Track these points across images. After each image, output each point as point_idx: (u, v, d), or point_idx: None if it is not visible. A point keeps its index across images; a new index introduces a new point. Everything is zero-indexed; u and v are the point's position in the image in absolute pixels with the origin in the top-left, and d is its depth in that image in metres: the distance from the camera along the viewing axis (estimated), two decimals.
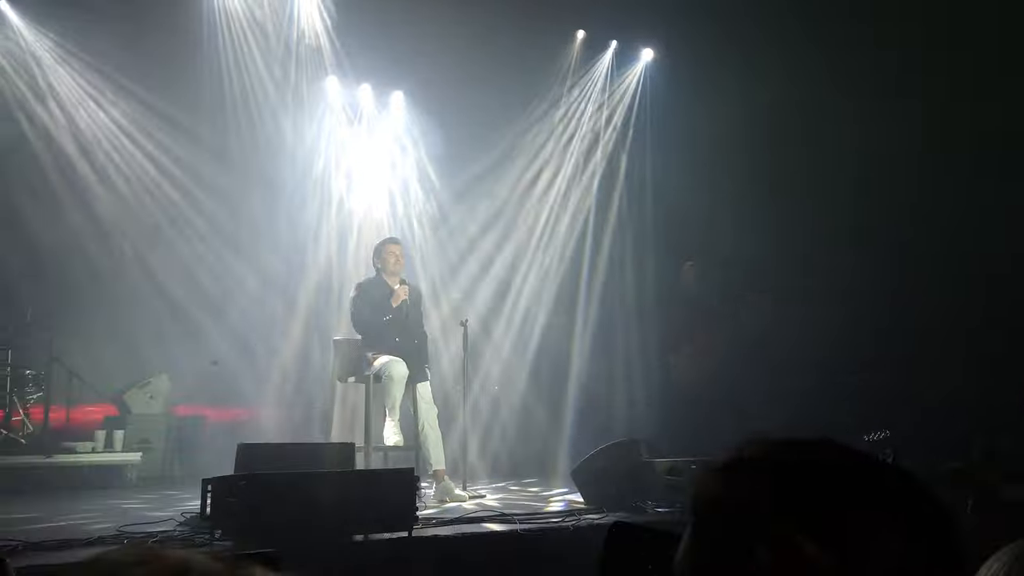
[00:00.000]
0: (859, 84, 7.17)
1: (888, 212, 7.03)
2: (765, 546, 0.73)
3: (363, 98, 9.07)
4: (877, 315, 6.89)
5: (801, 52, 7.38)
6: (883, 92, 7.04)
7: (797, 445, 0.83)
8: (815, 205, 7.35)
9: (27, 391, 7.03)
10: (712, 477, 0.83)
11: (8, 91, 7.60)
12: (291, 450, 4.73)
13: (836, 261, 7.14)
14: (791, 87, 7.39)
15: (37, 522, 4.37)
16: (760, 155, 7.68)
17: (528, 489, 6.57)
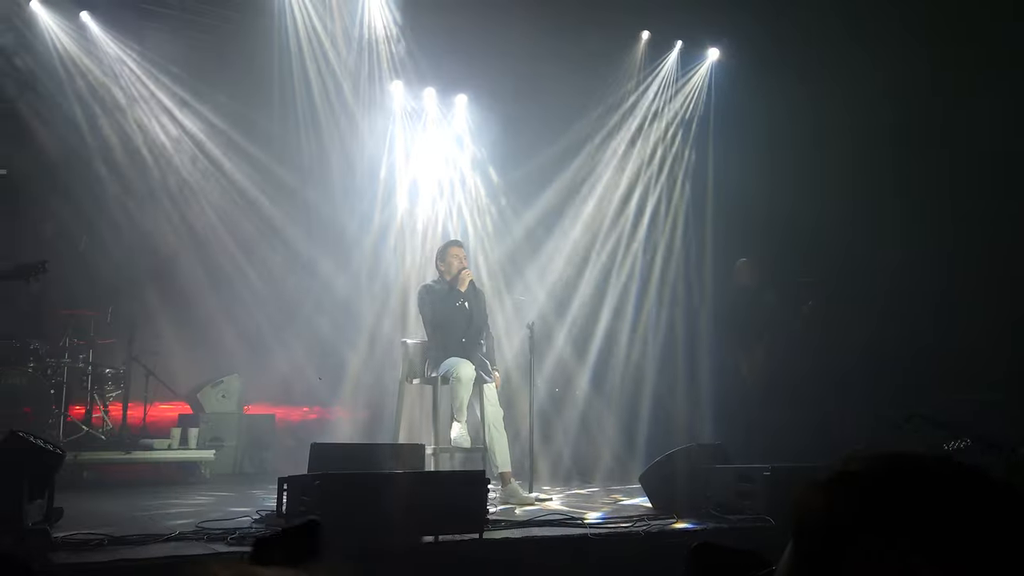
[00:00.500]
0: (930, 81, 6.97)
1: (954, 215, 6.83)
2: (877, 565, 0.71)
3: (428, 102, 9.15)
4: (940, 317, 6.71)
5: (872, 48, 7.20)
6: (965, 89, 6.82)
7: (905, 460, 0.80)
8: (879, 205, 7.18)
9: (107, 389, 7.26)
10: (817, 493, 0.80)
11: (92, 100, 7.87)
12: (363, 450, 4.79)
13: (895, 261, 6.97)
14: (861, 84, 7.23)
15: (119, 517, 4.50)
16: (828, 154, 7.52)
17: (594, 493, 6.53)
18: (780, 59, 7.66)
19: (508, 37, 7.83)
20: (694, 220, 8.99)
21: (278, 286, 8.61)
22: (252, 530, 3.93)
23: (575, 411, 8.18)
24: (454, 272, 6.13)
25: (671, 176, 9.24)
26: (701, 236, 8.84)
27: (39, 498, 3.44)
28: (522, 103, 8.58)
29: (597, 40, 8.37)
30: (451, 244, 6.39)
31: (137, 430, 7.30)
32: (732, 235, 8.29)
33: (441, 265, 6.24)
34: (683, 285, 8.72)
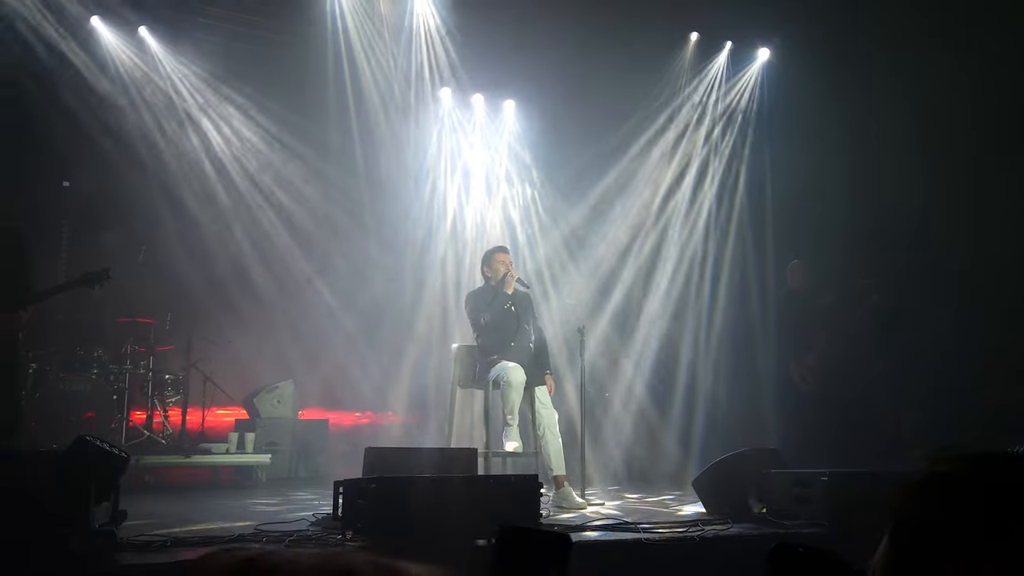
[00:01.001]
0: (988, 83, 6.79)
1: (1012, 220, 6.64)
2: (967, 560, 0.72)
3: (476, 107, 9.21)
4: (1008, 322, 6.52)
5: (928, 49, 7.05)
6: None
7: (993, 460, 0.80)
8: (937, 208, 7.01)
9: (167, 395, 7.44)
10: (911, 495, 0.80)
11: (153, 113, 8.09)
12: (416, 455, 4.83)
13: (956, 260, 6.80)
14: (917, 86, 7.08)
15: (180, 519, 4.60)
16: (883, 157, 7.37)
17: (647, 497, 6.48)
18: (833, 57, 7.54)
19: (556, 42, 7.84)
20: (749, 220, 8.88)
21: (330, 293, 8.74)
22: (309, 532, 3.99)
23: (627, 415, 8.13)
24: (500, 277, 6.14)
25: (724, 177, 9.14)
26: (758, 236, 8.72)
27: (105, 500, 3.54)
28: (570, 107, 8.59)
29: (645, 42, 8.34)
30: (497, 250, 6.37)
31: (196, 434, 7.47)
32: (788, 235, 8.17)
33: (487, 271, 6.24)
34: (738, 286, 8.61)
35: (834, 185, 7.58)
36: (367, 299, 8.80)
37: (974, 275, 6.78)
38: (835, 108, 7.53)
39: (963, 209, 6.97)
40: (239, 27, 7.85)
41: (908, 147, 7.23)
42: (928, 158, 7.17)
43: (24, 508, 3.25)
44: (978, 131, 6.96)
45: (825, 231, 7.64)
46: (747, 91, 9.16)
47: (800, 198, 8.00)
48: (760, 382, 7.74)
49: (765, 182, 8.80)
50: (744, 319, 8.34)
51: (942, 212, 7.01)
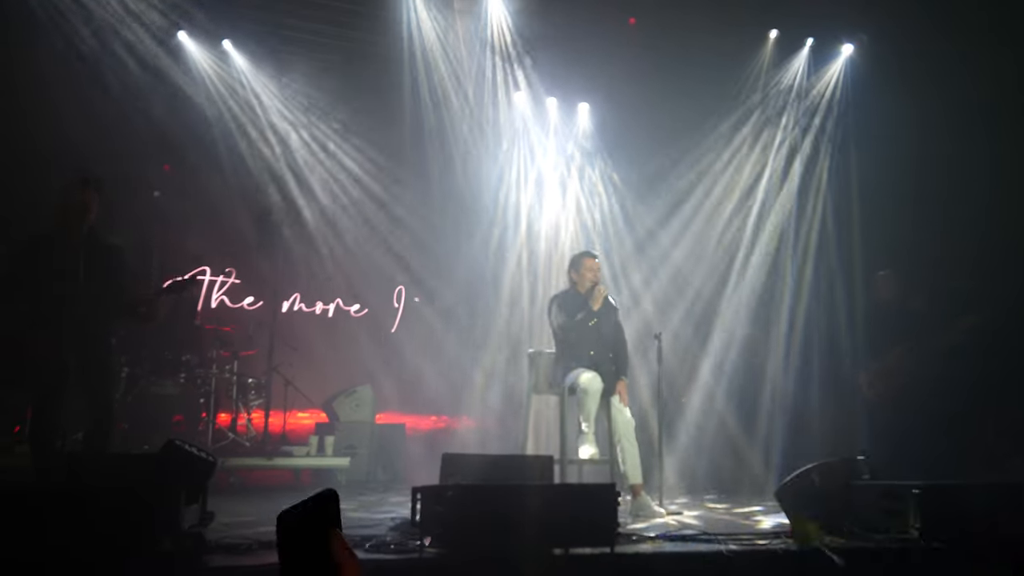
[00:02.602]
0: None
1: None
2: None
3: (551, 111, 9.20)
4: None
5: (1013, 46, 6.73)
6: None
7: None
8: None
9: (250, 398, 7.64)
10: None
11: (238, 125, 8.34)
12: (493, 461, 4.82)
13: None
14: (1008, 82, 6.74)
15: (265, 522, 4.70)
16: (972, 156, 7.04)
17: (728, 508, 6.34)
18: (922, 53, 7.25)
19: (630, 43, 7.77)
20: (834, 223, 8.61)
21: (407, 297, 8.86)
22: (387, 538, 4.03)
23: (707, 422, 7.98)
24: (587, 285, 6.04)
25: (806, 178, 8.89)
26: (843, 240, 8.44)
27: (194, 502, 3.64)
28: (645, 109, 8.51)
29: (722, 42, 8.19)
30: (586, 255, 6.26)
31: (277, 437, 7.65)
32: (875, 239, 7.89)
33: (574, 275, 6.16)
34: (824, 291, 8.35)
35: (922, 187, 7.30)
36: (444, 304, 8.89)
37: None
38: (921, 106, 7.24)
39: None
40: (317, 37, 8.03)
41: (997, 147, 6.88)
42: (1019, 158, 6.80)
43: (119, 508, 3.37)
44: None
45: (914, 235, 7.34)
46: (829, 88, 8.90)
47: (887, 200, 7.72)
48: (847, 390, 7.48)
49: (850, 183, 8.51)
50: (830, 325, 8.08)
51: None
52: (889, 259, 7.42)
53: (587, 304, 5.95)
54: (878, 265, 7.42)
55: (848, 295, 8.06)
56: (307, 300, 8.82)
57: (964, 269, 7.12)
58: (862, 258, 8.03)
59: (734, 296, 8.70)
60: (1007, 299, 6.72)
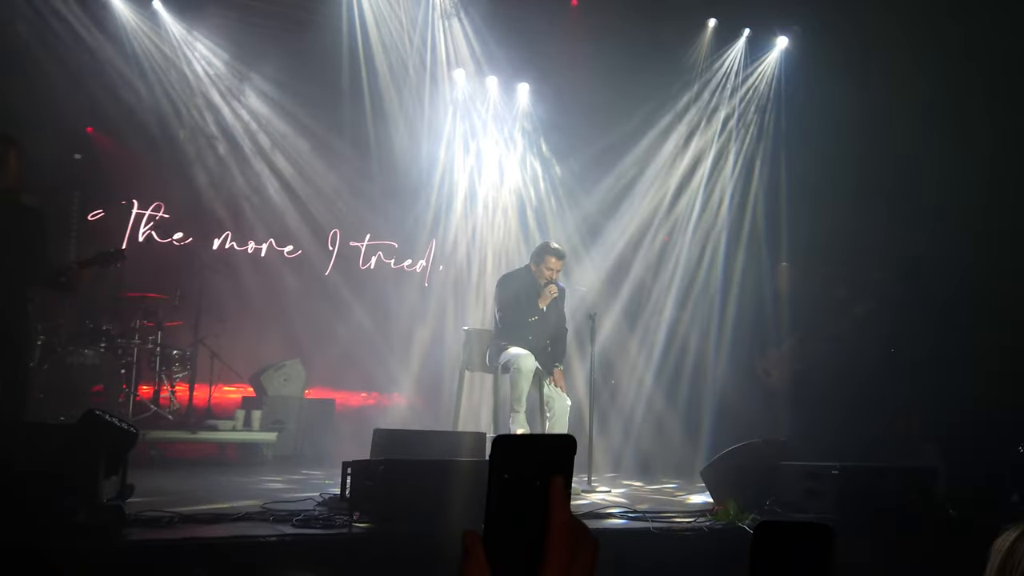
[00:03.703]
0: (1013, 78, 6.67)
1: None
2: None
3: (491, 90, 9.14)
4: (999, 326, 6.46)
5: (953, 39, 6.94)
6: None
7: None
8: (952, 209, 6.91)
9: (174, 370, 7.42)
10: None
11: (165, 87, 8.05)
12: (424, 437, 4.81)
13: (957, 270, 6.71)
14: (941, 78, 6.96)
15: (186, 495, 4.60)
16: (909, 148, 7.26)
17: (653, 486, 6.47)
18: (857, 46, 7.42)
19: (572, 26, 7.77)
20: (764, 212, 8.79)
21: (338, 272, 8.73)
22: (316, 513, 3.98)
23: (639, 406, 8.10)
24: (542, 279, 6.03)
25: (740, 167, 9.06)
26: (772, 228, 8.63)
27: (113, 475, 3.53)
28: (585, 92, 8.52)
29: (662, 28, 8.25)
30: (551, 252, 6.11)
31: (202, 411, 7.47)
32: (803, 227, 8.08)
33: (533, 266, 6.14)
34: (754, 281, 8.53)
35: (850, 178, 7.50)
36: (376, 280, 8.79)
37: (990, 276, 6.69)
38: (854, 98, 7.42)
39: (979, 208, 6.84)
40: (253, 2, 7.80)
41: (928, 139, 7.10)
42: (947, 152, 7.03)
43: (33, 480, 3.25)
44: (996, 128, 6.83)
45: (840, 225, 7.55)
46: (764, 80, 9.06)
47: (816, 190, 7.92)
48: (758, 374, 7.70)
49: (780, 173, 8.70)
50: (756, 311, 8.27)
51: (959, 211, 6.90)
52: (816, 248, 7.63)
53: (535, 297, 5.95)
54: (807, 254, 7.63)
55: (774, 283, 8.25)
56: (238, 238, 8.56)
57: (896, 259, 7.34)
58: (789, 247, 8.24)
59: (667, 281, 8.82)
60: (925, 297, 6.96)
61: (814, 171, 7.94)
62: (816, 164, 7.92)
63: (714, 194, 9.10)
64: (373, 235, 9.02)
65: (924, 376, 6.79)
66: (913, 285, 7.05)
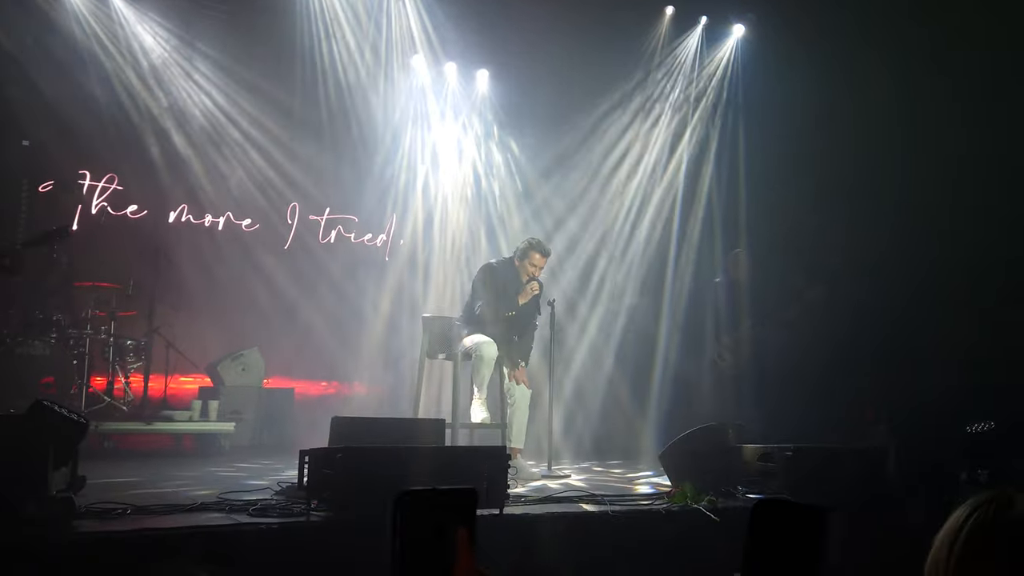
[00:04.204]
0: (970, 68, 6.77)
1: (981, 218, 6.65)
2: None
3: (449, 76, 9.08)
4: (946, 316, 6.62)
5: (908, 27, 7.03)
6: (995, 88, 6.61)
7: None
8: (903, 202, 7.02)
9: (128, 361, 7.30)
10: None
11: (115, 70, 7.87)
12: (384, 425, 4.78)
13: (914, 262, 6.83)
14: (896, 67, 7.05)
15: (141, 487, 4.53)
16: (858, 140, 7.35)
17: (613, 471, 6.52)
18: (813, 36, 7.49)
19: (531, 12, 7.75)
20: (719, 198, 8.87)
21: (297, 260, 8.64)
22: (273, 502, 3.94)
23: (597, 391, 8.15)
24: (525, 276, 6.00)
25: (696, 154, 9.12)
26: (728, 214, 8.71)
27: (63, 466, 3.46)
28: (544, 78, 8.52)
29: (620, 15, 8.26)
30: (537, 248, 6.07)
31: (158, 402, 7.36)
32: (759, 213, 8.17)
33: (517, 261, 6.10)
34: (708, 266, 8.61)
35: (806, 166, 7.58)
36: (335, 268, 8.71)
37: (951, 267, 6.78)
38: (810, 87, 7.50)
39: (942, 200, 6.89)
40: None
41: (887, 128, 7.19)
42: (909, 141, 7.09)
43: None
44: (966, 122, 6.90)
45: (797, 212, 7.63)
46: (721, 68, 9.12)
47: (772, 177, 8.00)
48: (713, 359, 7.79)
49: (737, 160, 8.78)
50: (713, 297, 8.35)
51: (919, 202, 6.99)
52: (774, 235, 7.71)
53: (515, 292, 5.94)
54: (763, 240, 7.72)
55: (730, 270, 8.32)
56: (195, 212, 8.41)
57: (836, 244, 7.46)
58: (746, 232, 8.33)
59: (624, 266, 8.87)
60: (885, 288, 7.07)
61: (771, 159, 8.02)
62: (772, 151, 7.99)
63: (671, 181, 9.15)
64: (333, 209, 8.95)
65: (877, 361, 6.93)
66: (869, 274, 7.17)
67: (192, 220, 8.42)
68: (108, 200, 8.03)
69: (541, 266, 6.05)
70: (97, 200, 7.98)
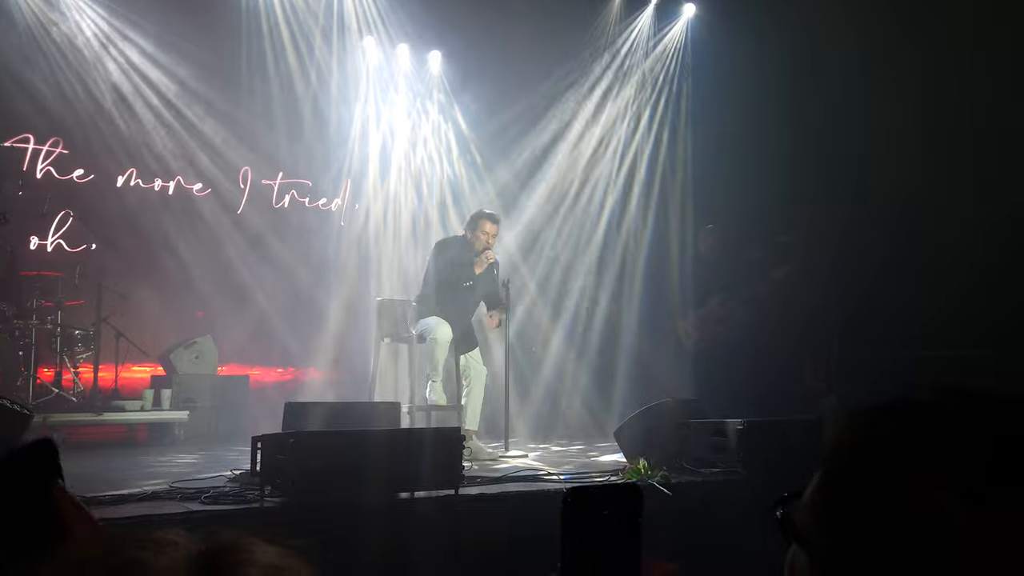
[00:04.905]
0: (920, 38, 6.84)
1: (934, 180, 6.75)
2: (898, 493, 0.66)
3: (401, 58, 9.00)
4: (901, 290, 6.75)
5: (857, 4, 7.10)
6: None
7: (961, 395, 0.73)
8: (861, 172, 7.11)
9: (76, 351, 7.16)
10: (852, 420, 0.74)
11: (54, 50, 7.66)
12: (338, 409, 4.77)
13: (873, 232, 6.94)
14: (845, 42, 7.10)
15: (92, 478, 4.46)
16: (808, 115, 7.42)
17: (570, 448, 6.58)
18: (763, 14, 7.54)
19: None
20: (672, 178, 8.93)
21: (250, 245, 8.52)
22: (226, 489, 3.91)
23: (553, 370, 8.20)
24: (478, 247, 5.95)
25: (648, 133, 9.17)
26: (681, 194, 8.79)
27: None
28: (497, 59, 8.48)
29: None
30: (487, 217, 6.04)
31: (109, 392, 7.23)
32: (710, 194, 8.25)
33: (469, 233, 6.06)
34: (663, 244, 8.68)
35: (759, 145, 7.65)
36: (288, 252, 8.62)
37: (912, 241, 6.88)
38: (760, 64, 7.56)
39: (898, 175, 6.95)
40: None
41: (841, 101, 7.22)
42: (865, 112, 7.11)
43: None
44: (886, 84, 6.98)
45: (748, 191, 7.72)
46: (672, 46, 9.16)
47: (724, 156, 8.08)
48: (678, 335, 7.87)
49: (688, 140, 8.85)
50: (664, 275, 8.44)
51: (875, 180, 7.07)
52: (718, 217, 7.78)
53: (470, 264, 5.89)
54: (710, 218, 7.80)
55: (681, 247, 8.43)
56: (144, 176, 8.22)
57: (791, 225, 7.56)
58: (694, 212, 8.42)
59: (580, 246, 8.91)
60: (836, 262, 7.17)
61: (721, 137, 8.09)
62: (723, 130, 8.06)
63: (622, 162, 9.19)
64: (286, 174, 8.83)
65: (826, 333, 7.06)
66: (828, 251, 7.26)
67: (141, 184, 8.21)
68: (53, 164, 7.81)
69: (493, 234, 6.03)
70: (42, 164, 7.77)
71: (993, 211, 6.32)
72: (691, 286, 7.61)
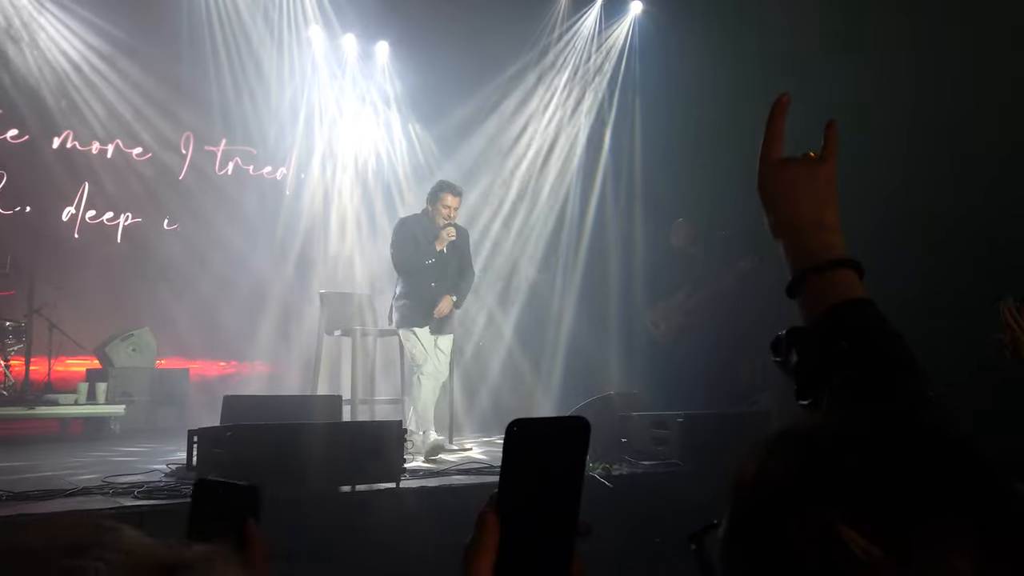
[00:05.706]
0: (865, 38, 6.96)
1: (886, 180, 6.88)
2: (793, 525, 0.63)
3: (347, 48, 8.91)
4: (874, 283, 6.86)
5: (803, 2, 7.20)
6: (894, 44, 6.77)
7: (859, 416, 0.71)
8: None
9: (7, 343, 6.95)
10: (753, 453, 0.70)
11: None
12: (277, 402, 4.73)
13: None
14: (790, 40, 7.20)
15: (21, 472, 4.34)
16: (753, 112, 7.52)
17: None
18: (708, 10, 7.61)
19: None
20: (614, 175, 8.99)
21: (192, 236, 8.35)
22: (161, 484, 3.85)
23: (499, 364, 8.20)
24: (439, 222, 5.70)
25: (595, 130, 9.21)
26: (625, 190, 8.85)
27: None
28: (442, 52, 8.44)
29: None
30: (446, 190, 5.75)
31: (41, 386, 7.04)
32: (659, 191, 8.32)
33: (429, 207, 5.80)
34: (607, 239, 8.74)
35: (704, 139, 7.74)
36: (232, 243, 8.47)
37: None
38: (706, 61, 7.63)
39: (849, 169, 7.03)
40: None
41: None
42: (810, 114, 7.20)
43: None
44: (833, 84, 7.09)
45: (695, 186, 7.81)
46: (618, 43, 9.20)
47: (671, 152, 8.15)
48: (627, 331, 7.94)
49: (634, 136, 8.92)
50: (608, 270, 8.50)
51: None
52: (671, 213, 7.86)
53: (431, 239, 5.65)
54: (659, 219, 7.87)
55: (624, 241, 8.50)
56: (81, 138, 7.93)
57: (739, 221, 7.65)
58: (642, 209, 8.50)
59: (523, 240, 8.93)
60: None
61: (669, 133, 8.15)
62: (670, 127, 8.13)
63: (569, 158, 9.22)
64: (230, 141, 8.64)
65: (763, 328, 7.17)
66: None
67: (79, 147, 7.93)
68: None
69: (455, 207, 5.78)
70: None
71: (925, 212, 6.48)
72: (663, 277, 7.67)
